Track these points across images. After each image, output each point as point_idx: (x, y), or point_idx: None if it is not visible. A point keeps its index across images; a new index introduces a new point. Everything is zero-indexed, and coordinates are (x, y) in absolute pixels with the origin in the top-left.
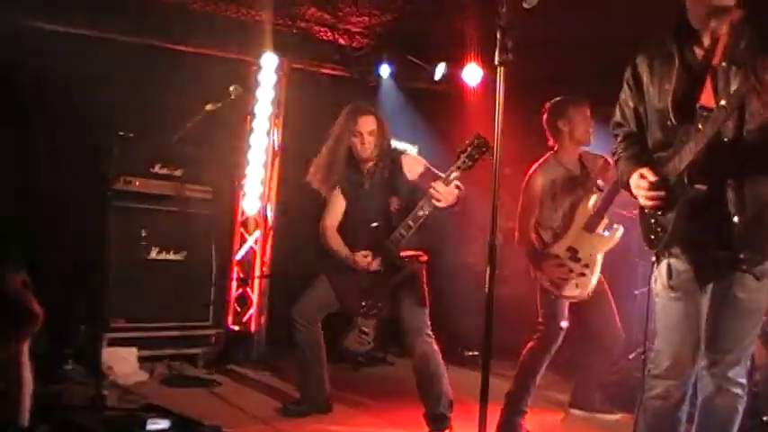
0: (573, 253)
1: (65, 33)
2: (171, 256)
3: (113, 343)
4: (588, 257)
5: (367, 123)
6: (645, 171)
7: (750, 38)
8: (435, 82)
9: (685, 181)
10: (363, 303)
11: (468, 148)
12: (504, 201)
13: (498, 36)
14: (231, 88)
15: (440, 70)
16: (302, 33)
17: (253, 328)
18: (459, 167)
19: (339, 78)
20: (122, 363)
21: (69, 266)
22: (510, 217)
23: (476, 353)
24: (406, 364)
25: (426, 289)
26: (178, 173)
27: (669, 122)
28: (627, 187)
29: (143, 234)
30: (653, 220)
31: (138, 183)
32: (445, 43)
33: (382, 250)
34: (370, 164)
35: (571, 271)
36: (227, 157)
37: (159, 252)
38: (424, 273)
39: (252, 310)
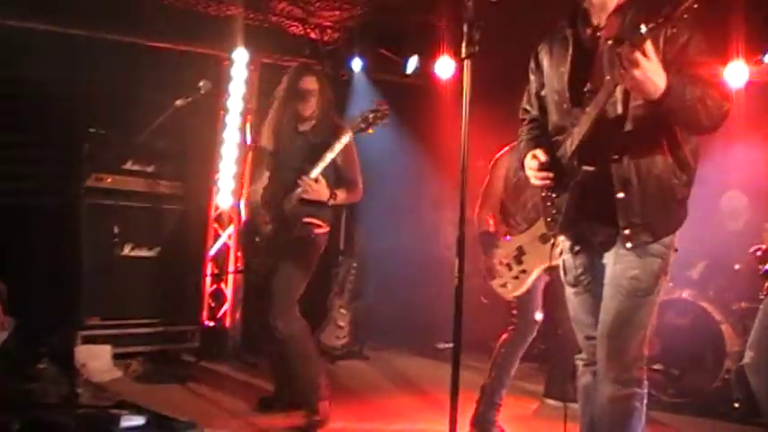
0: (519, 254)
1: (34, 30)
2: (144, 253)
3: (88, 341)
4: (529, 265)
5: (309, 83)
6: (537, 152)
7: (635, 12)
8: (408, 75)
9: (575, 163)
10: (254, 259)
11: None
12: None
13: (465, 29)
14: (200, 84)
15: (412, 63)
16: (273, 28)
17: (228, 323)
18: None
19: None
20: (96, 360)
21: (42, 265)
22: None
23: (449, 345)
24: (381, 358)
25: (315, 261)
26: (150, 169)
27: (565, 105)
28: (524, 168)
29: (116, 231)
30: (549, 203)
31: (109, 179)
32: (417, 36)
33: (281, 209)
34: (308, 125)
35: (509, 269)
36: (199, 152)
37: (132, 249)
38: (320, 244)
39: (226, 306)
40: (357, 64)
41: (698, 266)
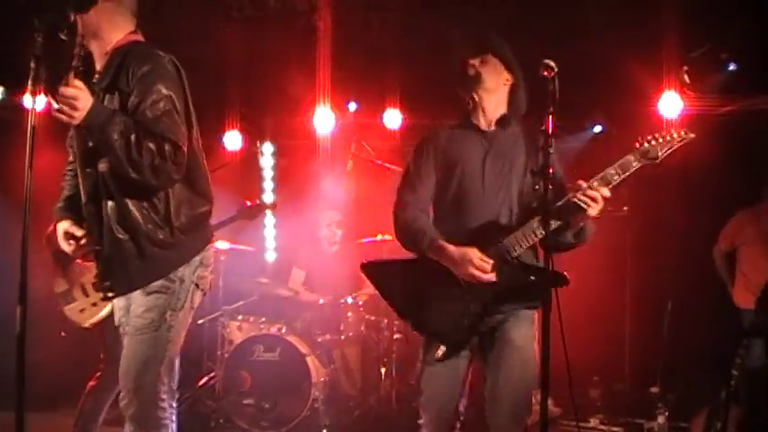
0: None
1: None
2: None
3: None
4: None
5: None
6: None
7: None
8: None
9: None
10: None
11: None
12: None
13: (33, 65)
14: None
15: None
16: None
17: None
18: None
19: None
20: None
21: None
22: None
23: None
24: None
25: None
26: None
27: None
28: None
29: None
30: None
31: None
32: (4, 67)
33: None
34: None
35: (87, 295)
36: None
37: None
38: None
39: None
40: None
41: (297, 275)
